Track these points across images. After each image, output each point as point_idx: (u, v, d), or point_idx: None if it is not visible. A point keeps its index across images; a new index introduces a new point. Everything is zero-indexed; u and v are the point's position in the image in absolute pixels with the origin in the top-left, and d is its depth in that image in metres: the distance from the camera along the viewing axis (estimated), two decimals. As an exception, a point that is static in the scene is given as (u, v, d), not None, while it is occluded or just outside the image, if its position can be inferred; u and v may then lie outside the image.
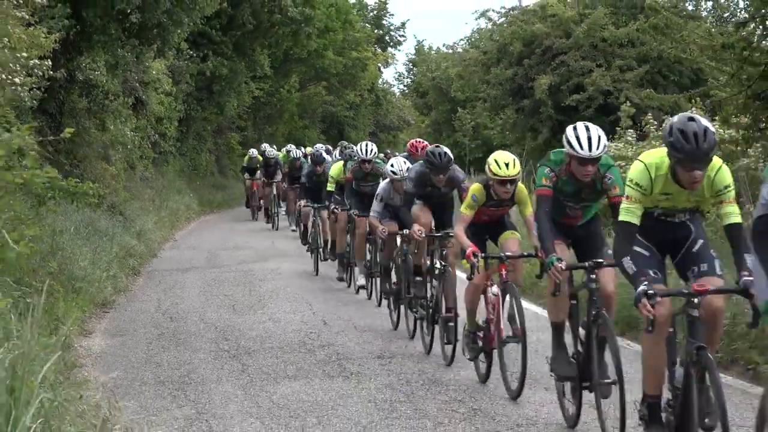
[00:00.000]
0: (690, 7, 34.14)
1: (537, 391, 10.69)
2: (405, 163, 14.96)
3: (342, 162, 20.03)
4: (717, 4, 20.14)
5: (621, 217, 7.99)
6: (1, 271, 9.40)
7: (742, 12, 18.02)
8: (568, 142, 9.01)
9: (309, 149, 35.69)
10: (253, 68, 46.87)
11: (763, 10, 17.07)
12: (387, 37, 64.08)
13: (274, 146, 40.56)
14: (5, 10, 15.61)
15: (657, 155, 7.86)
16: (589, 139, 8.87)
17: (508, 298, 10.94)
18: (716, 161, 7.76)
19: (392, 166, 15.01)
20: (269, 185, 35.97)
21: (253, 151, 39.60)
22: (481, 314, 11.35)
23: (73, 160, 23.40)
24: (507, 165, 10.83)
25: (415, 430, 9.52)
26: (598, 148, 8.99)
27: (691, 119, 7.50)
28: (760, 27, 17.47)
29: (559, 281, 8.93)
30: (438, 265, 13.06)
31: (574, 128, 9.10)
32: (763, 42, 17.54)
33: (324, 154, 24.90)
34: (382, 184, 15.24)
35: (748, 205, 13.32)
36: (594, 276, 9.00)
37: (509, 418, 9.74)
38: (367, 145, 17.64)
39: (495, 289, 11.09)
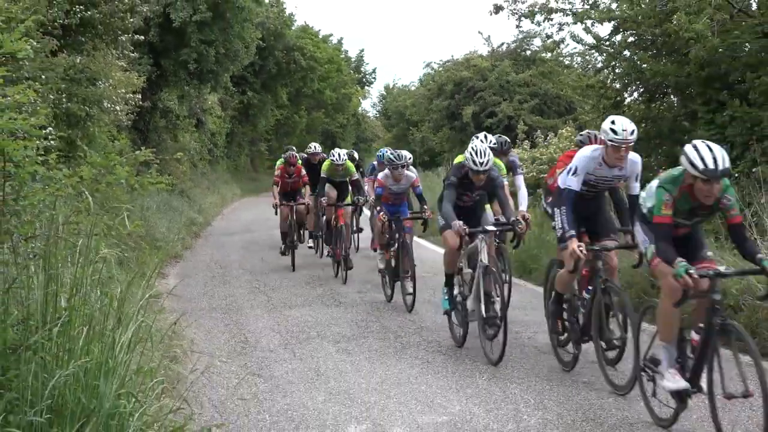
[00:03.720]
0: (566, 62, 34.22)
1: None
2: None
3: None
4: (583, 58, 20.22)
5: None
6: (106, 235, 9.39)
7: (599, 63, 18.04)
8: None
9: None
10: (276, 100, 46.75)
11: (613, 62, 17.13)
12: (364, 79, 63.88)
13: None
14: (111, 61, 15.61)
15: None
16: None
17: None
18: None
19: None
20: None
21: (339, 154, 14.63)
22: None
23: (157, 160, 23.33)
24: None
25: (383, 341, 9.56)
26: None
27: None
28: (611, 73, 17.53)
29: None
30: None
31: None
32: (613, 83, 17.62)
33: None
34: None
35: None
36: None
37: (446, 333, 9.78)
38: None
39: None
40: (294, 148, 17.70)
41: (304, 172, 16.42)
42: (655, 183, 6.51)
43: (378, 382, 7.82)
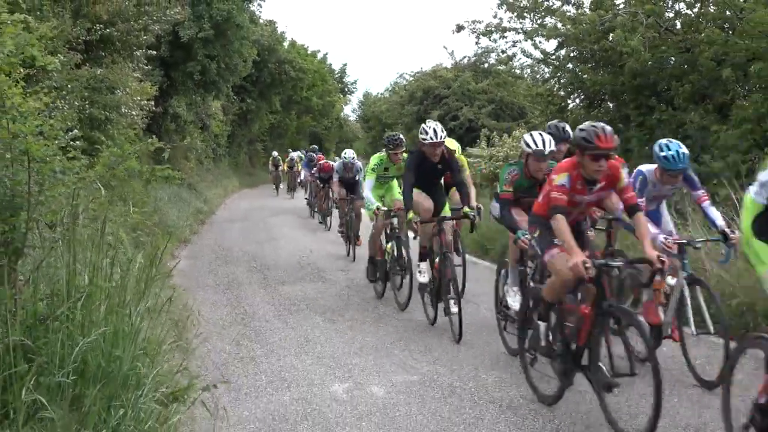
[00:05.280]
0: (518, 73, 34.28)
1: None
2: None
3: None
4: (533, 70, 20.35)
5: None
6: (123, 223, 9.34)
7: (546, 74, 18.16)
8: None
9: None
10: (270, 106, 46.56)
11: (558, 74, 17.22)
12: (346, 89, 63.67)
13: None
14: (127, 73, 15.51)
15: None
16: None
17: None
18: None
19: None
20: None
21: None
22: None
23: (167, 159, 23.23)
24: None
25: (363, 312, 9.56)
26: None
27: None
28: (557, 83, 17.63)
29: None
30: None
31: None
32: (558, 92, 17.72)
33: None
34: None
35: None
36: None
37: (415, 304, 9.78)
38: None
39: None
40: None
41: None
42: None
43: (358, 347, 7.82)
